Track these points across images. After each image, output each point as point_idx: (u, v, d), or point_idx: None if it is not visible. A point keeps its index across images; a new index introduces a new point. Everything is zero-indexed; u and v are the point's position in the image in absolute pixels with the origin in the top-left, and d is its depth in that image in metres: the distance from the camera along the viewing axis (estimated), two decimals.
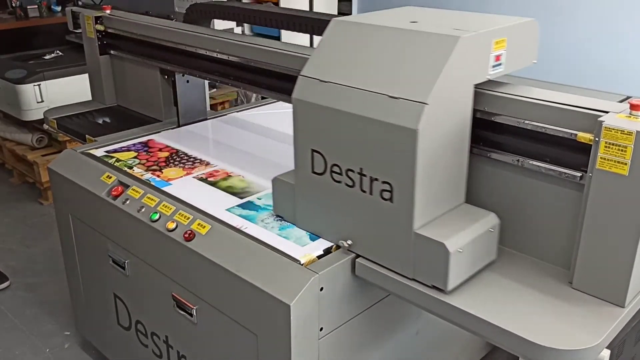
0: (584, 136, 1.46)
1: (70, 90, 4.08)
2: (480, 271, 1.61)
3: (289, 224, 1.85)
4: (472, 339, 2.39)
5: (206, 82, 2.71)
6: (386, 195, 1.53)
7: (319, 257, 1.69)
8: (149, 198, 2.02)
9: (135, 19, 2.67)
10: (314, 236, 1.78)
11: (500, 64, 1.59)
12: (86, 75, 3.41)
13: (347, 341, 1.76)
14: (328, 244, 1.74)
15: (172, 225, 1.88)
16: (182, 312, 1.94)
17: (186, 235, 1.83)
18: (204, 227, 1.84)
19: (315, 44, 5.63)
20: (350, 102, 1.54)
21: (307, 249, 1.72)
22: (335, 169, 1.62)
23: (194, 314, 1.89)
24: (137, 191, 2.07)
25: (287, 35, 5.09)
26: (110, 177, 2.18)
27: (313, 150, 1.66)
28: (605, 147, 1.40)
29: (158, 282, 2.01)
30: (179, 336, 2.03)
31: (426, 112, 1.40)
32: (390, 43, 1.55)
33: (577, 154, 1.50)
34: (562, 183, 1.56)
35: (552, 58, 3.93)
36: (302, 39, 5.12)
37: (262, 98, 4.94)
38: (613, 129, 1.38)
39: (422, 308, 1.60)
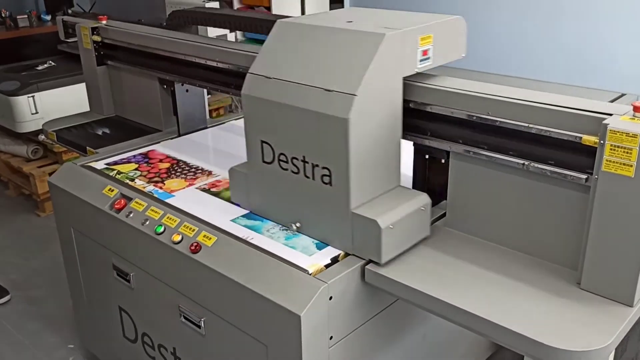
0: (588, 139, 1.47)
1: (65, 100, 4.06)
2: (489, 273, 1.63)
3: (295, 233, 1.85)
4: (477, 339, 2.40)
5: (205, 90, 2.71)
6: (326, 179, 1.69)
7: (327, 265, 1.69)
8: (152, 211, 2.02)
9: (133, 29, 2.66)
10: (321, 245, 1.78)
11: (428, 58, 1.76)
12: (81, 86, 3.39)
13: (356, 348, 1.76)
14: (335, 253, 1.74)
15: (177, 238, 1.88)
16: (189, 324, 1.94)
17: (192, 248, 1.82)
18: (210, 238, 1.84)
19: (307, 9, 5.56)
20: (291, 96, 1.70)
21: (314, 258, 1.72)
22: (282, 157, 1.78)
23: (202, 325, 1.89)
24: (140, 204, 2.06)
25: (278, 7, 5.05)
26: (113, 190, 2.17)
27: (262, 142, 1.82)
28: (611, 149, 1.40)
29: (164, 294, 2.01)
30: (187, 348, 2.02)
31: (356, 102, 1.57)
32: (326, 41, 1.72)
33: (581, 156, 1.51)
34: (567, 185, 1.57)
35: (542, 56, 3.95)
36: (290, 8, 5.09)
37: None
38: (618, 132, 1.39)
39: (432, 312, 1.60)
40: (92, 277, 2.41)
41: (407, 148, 1.90)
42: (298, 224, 1.82)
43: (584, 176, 1.52)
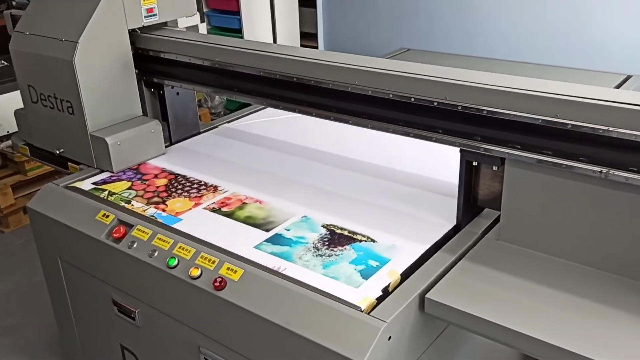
0: None
1: None
2: (562, 293, 1.44)
3: (331, 259, 1.62)
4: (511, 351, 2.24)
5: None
6: (70, 110, 2.14)
7: (378, 299, 1.47)
8: (160, 239, 1.75)
9: None
10: (366, 272, 1.56)
11: (154, 14, 2.22)
12: None
13: None
14: (384, 281, 1.52)
15: (196, 272, 1.62)
16: None
17: (216, 284, 1.57)
18: (235, 271, 1.59)
19: (278, 38, 5.34)
20: (41, 47, 2.15)
21: (362, 291, 1.49)
22: (42, 97, 2.23)
23: None
24: (144, 232, 1.79)
25: (249, 32, 4.81)
26: (108, 216, 1.88)
27: (29, 86, 2.27)
28: None
29: (180, 333, 1.76)
30: None
31: (79, 48, 2.03)
32: (66, 2, 2.16)
33: None
34: None
35: (524, 37, 3.78)
36: (261, 33, 4.85)
37: (228, 100, 4.64)
38: None
39: (508, 345, 1.42)
40: (85, 312, 2.12)
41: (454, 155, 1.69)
42: (62, 150, 2.25)
43: None
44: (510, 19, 3.79)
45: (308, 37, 5.07)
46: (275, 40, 4.95)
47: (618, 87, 2.81)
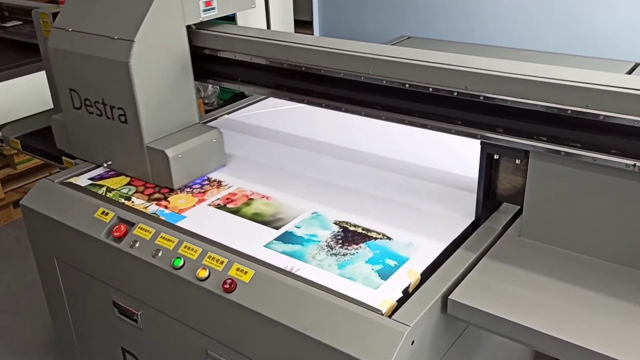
0: None
1: (12, 96, 3.57)
2: (593, 293, 1.37)
3: (347, 259, 1.54)
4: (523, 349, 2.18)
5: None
6: (122, 118, 1.88)
7: (399, 300, 1.39)
8: (164, 238, 1.66)
9: None
10: (384, 272, 1.48)
11: (212, 8, 1.96)
12: (30, 77, 3.01)
13: None
14: (404, 282, 1.44)
15: (203, 274, 1.53)
16: None
17: (226, 286, 1.49)
18: (246, 273, 1.50)
19: (272, 27, 5.22)
20: (88, 46, 1.87)
21: (382, 292, 1.41)
22: (88, 102, 1.95)
23: None
24: (146, 230, 1.70)
25: (242, 19, 4.70)
26: (107, 214, 1.79)
27: (70, 90, 1.98)
28: None
29: (186, 337, 1.67)
30: None
31: (135, 47, 1.76)
32: None
33: None
34: None
35: (526, 25, 3.70)
36: (255, 21, 4.74)
37: (221, 88, 4.52)
38: None
39: (528, 345, 1.36)
40: (84, 313, 2.03)
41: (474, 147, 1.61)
42: (110, 162, 2.01)
43: None
44: (512, 5, 3.71)
45: (303, 25, 4.96)
46: (269, 29, 4.84)
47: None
